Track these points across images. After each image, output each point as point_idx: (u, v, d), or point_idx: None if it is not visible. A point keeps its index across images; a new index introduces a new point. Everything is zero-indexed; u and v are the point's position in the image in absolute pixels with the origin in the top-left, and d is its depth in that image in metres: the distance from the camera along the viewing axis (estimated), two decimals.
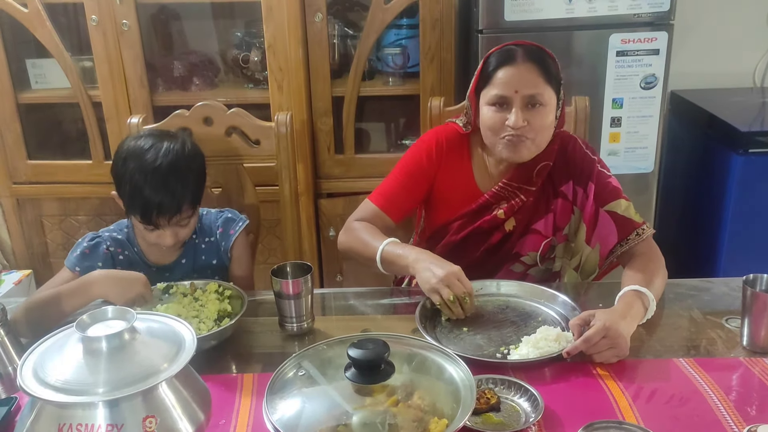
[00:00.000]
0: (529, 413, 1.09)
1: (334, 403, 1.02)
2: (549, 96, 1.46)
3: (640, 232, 1.51)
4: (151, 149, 1.47)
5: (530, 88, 1.44)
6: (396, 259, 1.46)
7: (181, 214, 1.48)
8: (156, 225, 1.46)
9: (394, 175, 1.62)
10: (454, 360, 1.07)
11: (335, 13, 2.53)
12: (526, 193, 1.55)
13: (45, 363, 0.89)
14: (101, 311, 0.93)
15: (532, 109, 1.45)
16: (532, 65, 1.45)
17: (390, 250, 1.47)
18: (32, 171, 2.57)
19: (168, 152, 1.47)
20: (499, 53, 1.49)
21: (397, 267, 1.47)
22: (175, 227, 1.49)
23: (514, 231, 1.58)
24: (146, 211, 1.44)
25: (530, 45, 1.50)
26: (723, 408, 1.10)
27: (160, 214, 1.45)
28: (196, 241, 1.62)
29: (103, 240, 1.56)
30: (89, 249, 1.55)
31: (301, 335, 1.36)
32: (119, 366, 0.88)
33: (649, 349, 1.29)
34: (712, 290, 1.50)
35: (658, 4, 2.21)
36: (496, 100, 1.47)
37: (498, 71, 1.47)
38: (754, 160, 2.29)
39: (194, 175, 1.52)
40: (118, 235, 1.58)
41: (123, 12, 2.35)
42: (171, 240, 1.49)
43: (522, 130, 1.45)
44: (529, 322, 1.37)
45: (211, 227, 1.64)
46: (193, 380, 0.97)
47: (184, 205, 1.48)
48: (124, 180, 1.47)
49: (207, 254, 1.62)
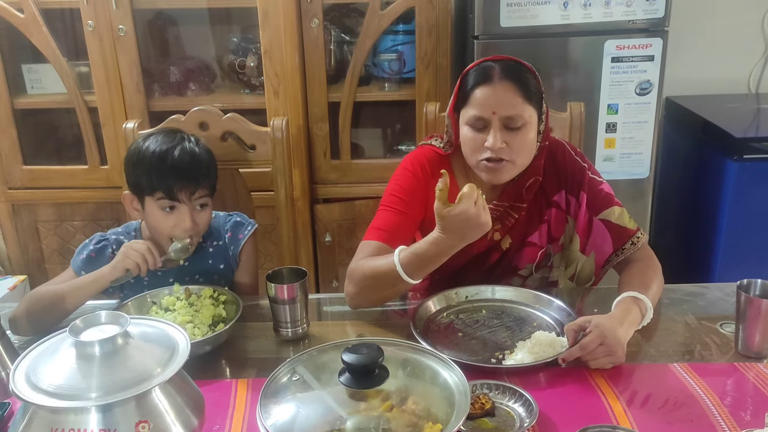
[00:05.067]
0: (523, 418, 1.09)
1: (329, 408, 1.02)
2: (529, 114, 1.41)
3: (635, 241, 1.51)
4: (164, 137, 1.54)
5: (508, 108, 1.39)
6: (423, 252, 1.31)
7: (199, 191, 1.50)
8: (178, 199, 1.47)
9: (386, 207, 1.51)
10: (448, 365, 1.07)
11: (331, 19, 2.54)
12: (518, 209, 1.51)
13: (38, 368, 0.89)
14: (95, 316, 0.93)
15: (512, 130, 1.40)
16: (510, 84, 1.39)
17: (409, 251, 1.33)
18: (28, 176, 2.57)
19: (185, 138, 1.55)
20: (476, 71, 1.44)
21: (427, 258, 1.31)
22: (193, 210, 1.50)
23: (511, 247, 1.54)
24: (169, 184, 1.46)
25: (508, 61, 1.44)
26: (717, 413, 1.10)
27: (182, 187, 1.47)
28: (204, 244, 1.61)
29: (110, 243, 1.57)
30: (95, 252, 1.55)
31: (295, 340, 1.36)
32: (112, 371, 0.88)
33: (644, 354, 1.29)
34: (706, 295, 1.51)
35: (653, 11, 2.22)
36: (474, 122, 1.42)
37: (475, 90, 1.42)
38: (748, 166, 2.30)
39: (210, 159, 1.57)
40: (124, 239, 1.57)
41: (119, 17, 2.35)
42: (189, 222, 1.48)
43: (501, 152, 1.40)
44: (524, 328, 1.37)
45: (219, 231, 1.64)
46: (186, 385, 0.97)
47: (203, 181, 1.50)
48: (144, 160, 1.49)
49: (214, 258, 1.61)
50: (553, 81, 2.29)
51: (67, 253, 2.66)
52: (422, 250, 1.31)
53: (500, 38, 2.26)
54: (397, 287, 1.38)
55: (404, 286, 1.37)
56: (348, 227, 2.57)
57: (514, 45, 2.23)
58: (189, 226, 1.49)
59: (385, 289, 1.40)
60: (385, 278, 1.36)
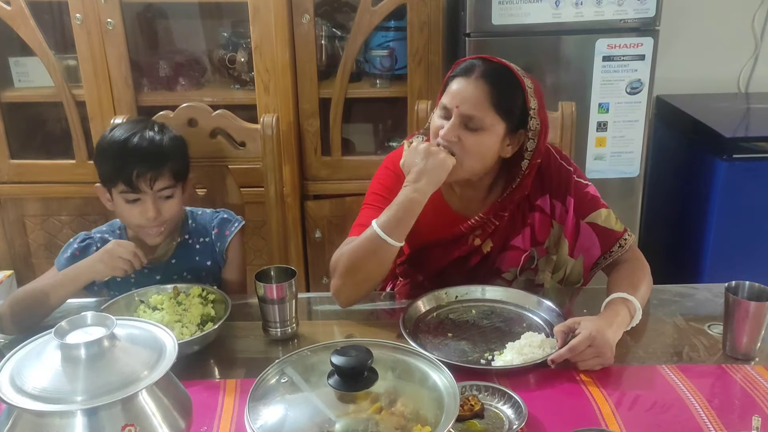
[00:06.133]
0: (512, 420, 1.09)
1: (317, 410, 1.01)
2: (491, 122, 1.37)
3: (622, 243, 1.50)
4: (129, 125, 1.54)
5: (469, 107, 1.37)
6: (397, 203, 1.36)
7: (160, 180, 1.47)
8: (137, 188, 1.45)
9: (369, 205, 1.51)
10: (437, 366, 1.06)
11: (323, 14, 2.52)
12: (499, 217, 1.49)
13: (22, 370, 0.87)
14: (80, 317, 0.91)
15: (468, 130, 1.38)
16: (484, 86, 1.37)
17: (385, 210, 1.37)
18: (14, 170, 2.54)
19: (148, 126, 1.53)
20: (464, 64, 1.43)
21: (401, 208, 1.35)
22: (158, 199, 1.47)
23: (492, 251, 1.53)
24: (128, 174, 1.44)
25: (497, 64, 1.42)
26: (705, 415, 1.11)
27: (140, 175, 1.44)
28: (190, 241, 1.60)
29: (94, 242, 1.55)
30: (79, 251, 1.53)
31: (284, 340, 1.36)
32: (98, 374, 0.87)
33: (632, 355, 1.29)
34: (695, 296, 1.51)
35: (644, 10, 2.22)
36: (441, 108, 1.42)
37: (452, 81, 1.41)
38: (738, 165, 2.31)
39: (175, 145, 1.54)
40: (109, 237, 1.56)
41: (108, 10, 2.32)
42: (152, 212, 1.46)
43: (451, 145, 1.38)
44: (514, 328, 1.37)
45: (206, 227, 1.62)
46: (174, 387, 0.96)
47: (163, 171, 1.47)
48: (105, 151, 1.49)
49: (201, 255, 1.60)
50: (544, 79, 2.29)
51: (54, 248, 2.63)
52: (396, 202, 1.37)
53: (492, 36, 2.25)
54: (380, 255, 1.36)
55: (386, 254, 1.36)
56: (338, 224, 2.56)
57: (505, 43, 2.22)
58: (152, 215, 1.46)
59: (368, 262, 1.37)
60: (366, 249, 1.36)
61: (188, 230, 1.61)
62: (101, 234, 1.57)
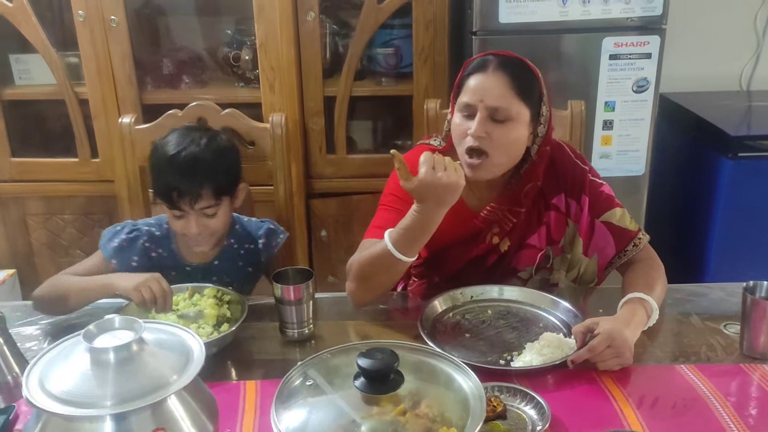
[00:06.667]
0: (535, 421, 1.09)
1: (342, 412, 1.01)
2: (517, 110, 1.39)
3: (636, 242, 1.51)
4: (179, 137, 1.51)
5: (495, 99, 1.37)
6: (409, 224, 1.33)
7: (201, 200, 1.46)
8: (179, 208, 1.46)
9: (385, 207, 1.51)
10: (461, 368, 1.06)
11: (328, 12, 2.51)
12: (516, 214, 1.50)
13: (50, 374, 0.87)
14: (108, 321, 0.91)
15: (496, 122, 1.38)
16: (503, 76, 1.38)
17: (397, 228, 1.35)
18: (16, 169, 2.52)
19: (194, 140, 1.50)
20: (475, 61, 1.44)
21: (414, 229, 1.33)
22: (201, 216, 1.47)
23: (509, 249, 1.53)
24: (168, 193, 1.45)
25: (509, 56, 1.44)
26: (726, 414, 1.11)
27: (180, 197, 1.44)
28: (235, 246, 1.61)
29: (141, 234, 1.56)
30: (127, 242, 1.55)
31: (301, 341, 1.35)
32: (127, 378, 0.86)
33: (650, 355, 1.30)
34: (709, 295, 1.52)
35: (651, 8, 2.22)
36: (463, 108, 1.41)
37: (469, 78, 1.42)
38: (743, 164, 2.31)
39: (220, 164, 1.50)
40: (156, 231, 1.57)
41: (111, 7, 2.31)
42: (195, 229, 1.47)
43: (481, 142, 1.38)
44: (531, 328, 1.37)
45: (251, 235, 1.63)
46: (201, 391, 0.95)
47: (204, 191, 1.46)
48: (153, 167, 1.51)
49: (245, 261, 1.61)
50: (551, 78, 2.26)
51: (57, 246, 2.62)
52: (407, 223, 1.33)
53: (499, 34, 2.24)
54: (392, 269, 1.37)
55: (399, 267, 1.37)
56: (344, 222, 2.55)
57: (512, 41, 2.22)
58: (194, 232, 1.48)
59: (380, 274, 1.39)
60: (379, 262, 1.37)
61: (234, 235, 1.61)
62: (148, 227, 1.58)
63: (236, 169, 1.57)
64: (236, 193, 1.56)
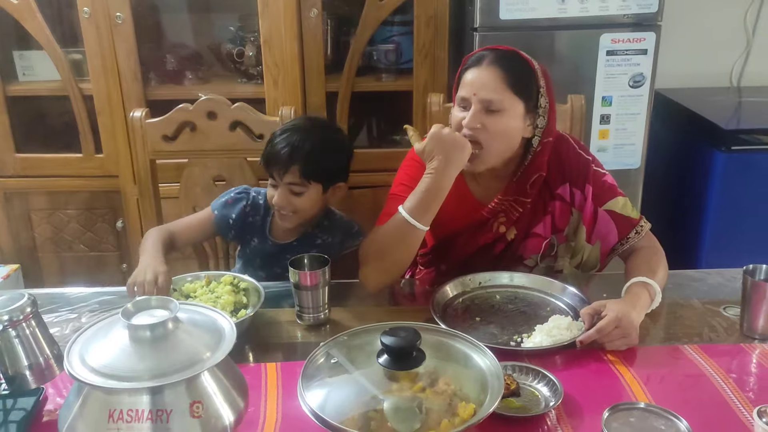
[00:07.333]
0: (548, 398, 1.14)
1: (364, 388, 1.05)
2: (510, 102, 1.44)
3: (638, 230, 1.56)
4: (304, 119, 1.74)
5: (488, 92, 1.44)
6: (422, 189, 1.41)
7: (288, 175, 1.57)
8: (272, 176, 1.60)
9: (395, 196, 1.56)
10: (479, 348, 1.10)
11: (330, 9, 2.55)
12: (522, 204, 1.54)
13: (90, 349, 0.91)
14: (145, 300, 0.94)
15: (490, 114, 1.44)
16: (497, 70, 1.45)
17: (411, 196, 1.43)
18: (20, 164, 2.54)
19: (313, 125, 1.68)
20: (473, 56, 1.50)
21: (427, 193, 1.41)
22: (287, 191, 1.59)
23: (516, 238, 1.58)
24: (267, 159, 1.61)
25: (504, 50, 1.50)
26: (729, 390, 1.16)
27: (273, 165, 1.59)
28: (318, 234, 1.69)
29: (247, 197, 1.71)
30: (232, 200, 1.71)
31: (317, 326, 1.39)
32: (164, 354, 0.91)
33: (654, 336, 1.35)
34: (707, 281, 1.57)
35: (647, 5, 2.28)
36: (460, 101, 1.49)
37: (466, 73, 1.49)
38: (736, 157, 2.38)
39: (318, 152, 1.60)
40: (260, 200, 1.71)
41: (116, 4, 2.33)
42: (279, 199, 1.59)
43: (475, 132, 1.44)
44: (539, 312, 1.42)
45: (334, 230, 1.71)
46: (232, 369, 0.99)
47: (293, 167, 1.57)
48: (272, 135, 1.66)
49: (320, 250, 1.63)
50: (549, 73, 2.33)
51: (61, 241, 2.64)
52: (421, 188, 1.42)
53: (499, 30, 2.29)
54: (407, 240, 1.43)
55: (413, 239, 1.43)
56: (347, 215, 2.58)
57: (512, 37, 2.26)
58: (278, 202, 1.60)
59: (395, 249, 1.44)
60: (394, 233, 1.44)
61: (319, 225, 1.71)
62: (256, 194, 1.73)
63: (333, 163, 1.65)
64: (330, 188, 1.65)
